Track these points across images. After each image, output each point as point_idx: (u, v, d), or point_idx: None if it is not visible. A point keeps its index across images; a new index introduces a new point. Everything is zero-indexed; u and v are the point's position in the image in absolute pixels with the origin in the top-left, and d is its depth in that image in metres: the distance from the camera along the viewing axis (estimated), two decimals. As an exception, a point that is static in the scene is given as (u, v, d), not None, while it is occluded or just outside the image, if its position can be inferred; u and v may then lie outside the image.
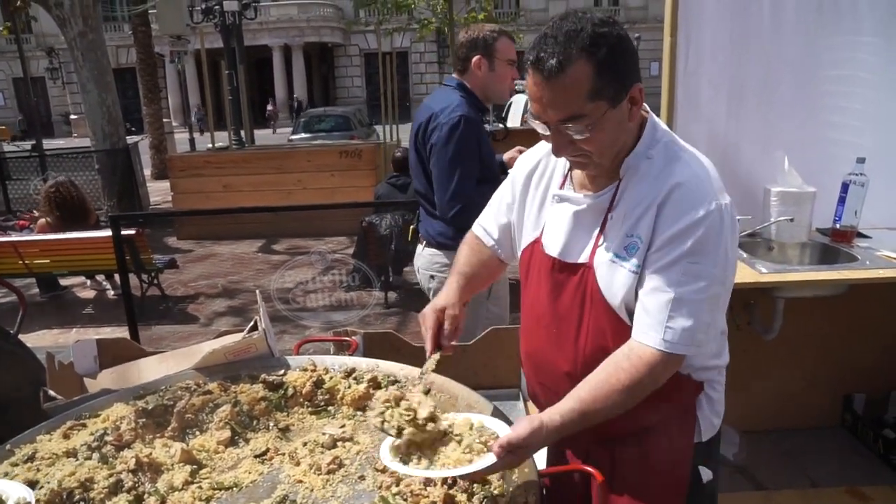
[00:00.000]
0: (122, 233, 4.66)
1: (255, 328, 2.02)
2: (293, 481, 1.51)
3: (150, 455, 1.56)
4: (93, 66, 10.73)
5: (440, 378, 1.72)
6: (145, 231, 6.79)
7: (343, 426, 1.71)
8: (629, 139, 1.48)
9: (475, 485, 1.42)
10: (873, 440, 3.27)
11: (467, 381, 1.75)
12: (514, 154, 3.08)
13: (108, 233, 5.56)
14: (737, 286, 1.51)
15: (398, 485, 1.44)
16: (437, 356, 1.62)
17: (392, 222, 6.52)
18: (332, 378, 1.89)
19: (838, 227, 2.98)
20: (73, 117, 37.60)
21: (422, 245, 3.11)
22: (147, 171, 14.15)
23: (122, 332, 4.76)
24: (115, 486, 1.47)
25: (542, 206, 1.66)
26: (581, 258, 1.53)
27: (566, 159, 1.54)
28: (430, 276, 3.03)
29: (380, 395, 1.47)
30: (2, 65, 40.47)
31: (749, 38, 3.08)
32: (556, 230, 1.59)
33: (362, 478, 1.51)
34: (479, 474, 1.36)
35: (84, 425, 1.73)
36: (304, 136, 17.46)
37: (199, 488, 1.49)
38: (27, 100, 21.60)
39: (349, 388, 1.84)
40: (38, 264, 6.62)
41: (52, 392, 1.94)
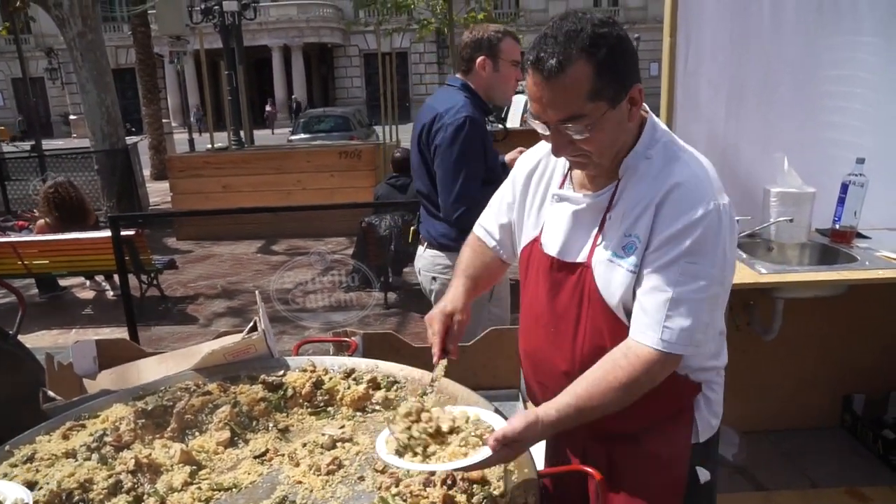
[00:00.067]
0: (122, 233, 4.65)
1: (254, 329, 2.02)
2: (293, 482, 1.51)
3: (149, 456, 1.55)
4: (92, 67, 10.73)
5: (441, 379, 1.71)
6: (144, 232, 6.79)
7: (342, 427, 1.71)
8: (629, 139, 1.48)
9: (475, 485, 1.42)
10: (873, 441, 3.28)
11: (467, 382, 1.75)
12: (515, 155, 3.06)
13: (107, 233, 5.57)
14: (736, 287, 1.52)
15: (397, 485, 1.44)
16: (445, 362, 1.62)
17: (391, 223, 6.52)
18: (331, 379, 1.89)
19: (838, 227, 2.98)
20: (72, 118, 37.56)
21: (423, 246, 3.07)
22: (146, 172, 14.15)
23: (122, 333, 4.75)
24: (115, 486, 1.47)
25: (541, 205, 1.66)
26: (579, 258, 1.53)
27: (566, 159, 1.54)
28: (432, 277, 3.00)
29: (401, 410, 1.46)
30: (1, 65, 40.47)
31: (749, 39, 3.08)
32: (555, 229, 1.59)
33: (362, 478, 1.51)
34: (475, 468, 1.36)
35: (83, 426, 1.73)
36: (303, 136, 17.46)
37: (199, 489, 1.49)
38: (26, 100, 21.58)
39: (349, 388, 1.85)
40: (38, 265, 6.61)
41: (51, 393, 1.94)
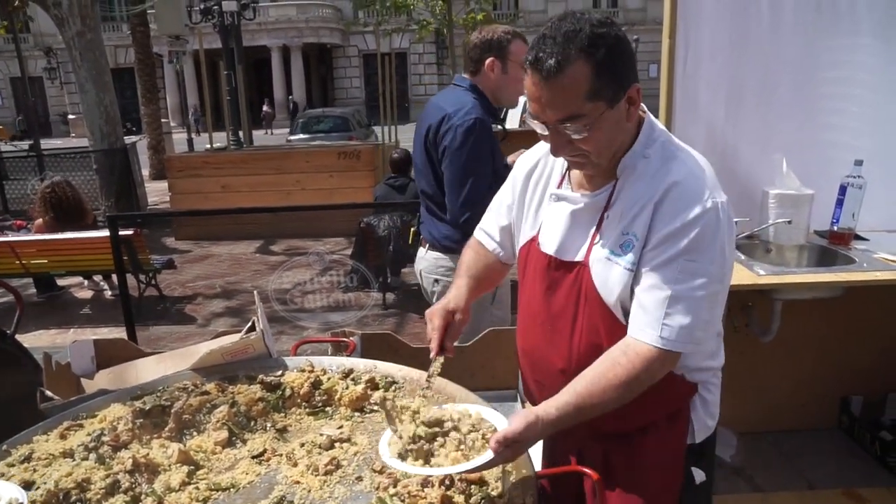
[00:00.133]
0: (120, 233, 4.65)
1: (252, 329, 2.02)
2: (290, 482, 1.51)
3: (147, 456, 1.55)
4: (91, 66, 10.72)
5: (439, 380, 1.71)
6: (143, 231, 6.79)
7: (341, 427, 1.70)
8: (627, 139, 1.49)
9: (473, 486, 1.42)
10: (870, 442, 3.28)
11: (465, 383, 1.75)
12: (517, 157, 3.06)
13: (105, 233, 5.55)
14: (734, 288, 1.52)
15: (395, 486, 1.44)
16: (442, 359, 1.62)
17: (390, 223, 6.52)
18: (329, 379, 1.89)
19: (836, 229, 2.98)
20: (70, 117, 37.50)
21: (424, 248, 3.03)
22: (145, 172, 14.15)
23: (120, 333, 4.74)
24: (112, 486, 1.46)
25: (539, 205, 1.67)
26: (577, 256, 1.54)
27: (564, 159, 1.55)
28: (435, 279, 2.96)
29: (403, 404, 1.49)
30: (-1, 65, 40.49)
31: (747, 40, 3.08)
32: (553, 228, 1.60)
33: (360, 479, 1.51)
34: (477, 470, 1.36)
35: (81, 426, 1.73)
36: (302, 136, 17.44)
37: (196, 489, 1.49)
38: (25, 99, 21.56)
39: (347, 388, 1.84)
40: (36, 264, 6.61)
41: (48, 392, 1.94)
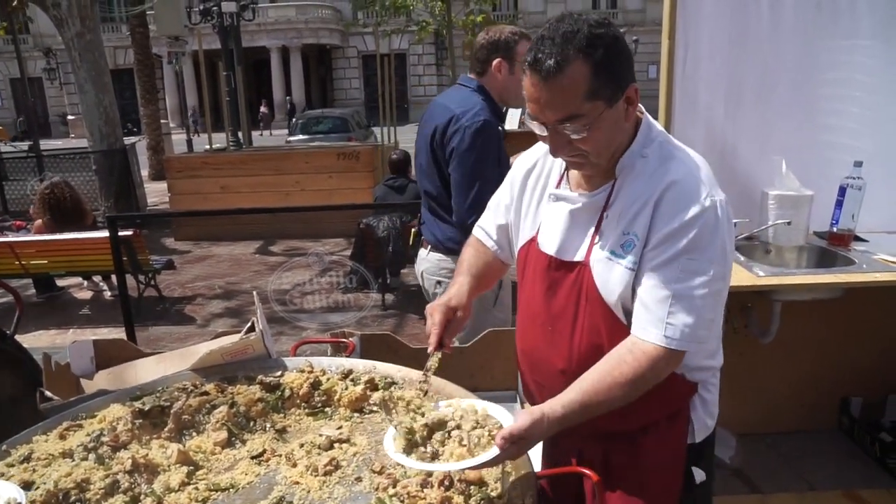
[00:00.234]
0: (120, 233, 4.65)
1: (252, 329, 2.02)
2: (290, 483, 1.51)
3: (146, 456, 1.55)
4: (90, 67, 10.72)
5: (438, 380, 1.71)
6: (142, 232, 6.79)
7: (340, 428, 1.70)
8: (625, 139, 1.49)
9: (472, 486, 1.42)
10: (870, 443, 3.28)
11: (464, 383, 1.75)
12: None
13: (105, 233, 5.55)
14: (734, 289, 1.52)
15: (395, 486, 1.44)
16: (440, 354, 1.62)
17: (390, 224, 6.52)
18: (329, 379, 1.89)
19: (835, 230, 2.98)
20: (70, 118, 37.47)
21: (426, 249, 3.01)
22: (144, 172, 14.14)
23: (119, 333, 4.74)
24: (112, 487, 1.46)
25: (538, 205, 1.67)
26: (577, 256, 1.54)
27: (563, 159, 1.55)
28: (437, 281, 2.94)
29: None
30: (-1, 65, 40.47)
31: (747, 41, 3.09)
32: (553, 229, 1.60)
33: (359, 479, 1.51)
34: (483, 467, 1.36)
35: (80, 426, 1.73)
36: (301, 137, 17.45)
37: (196, 489, 1.49)
38: (24, 100, 21.57)
39: (346, 389, 1.84)
40: (35, 265, 6.60)
41: (48, 393, 1.94)
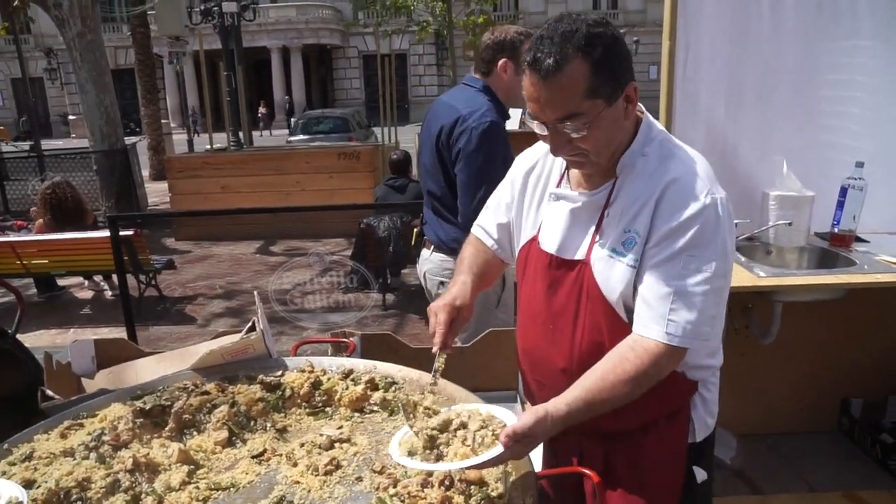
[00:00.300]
0: (120, 233, 4.65)
1: (252, 329, 2.02)
2: (290, 482, 1.51)
3: (147, 455, 1.55)
4: (91, 67, 10.72)
5: (440, 381, 1.71)
6: (143, 232, 6.79)
7: (340, 427, 1.70)
8: (625, 138, 1.50)
9: (472, 486, 1.42)
10: (871, 445, 3.28)
11: (465, 384, 1.75)
12: None
13: (106, 233, 5.55)
14: (735, 290, 1.52)
15: (395, 486, 1.44)
16: (446, 354, 1.62)
17: (390, 224, 6.52)
18: (329, 379, 1.89)
19: (837, 231, 2.98)
20: (71, 118, 37.52)
21: (429, 249, 3.01)
22: (145, 172, 14.15)
23: (120, 333, 4.75)
24: (113, 485, 1.46)
25: (539, 205, 1.67)
26: (578, 255, 1.54)
27: (563, 159, 1.55)
28: (440, 282, 2.92)
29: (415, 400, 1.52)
30: (0, 65, 40.42)
31: (748, 42, 3.09)
32: (553, 227, 1.60)
33: (359, 479, 1.51)
34: (487, 465, 1.36)
35: (81, 425, 1.73)
36: (302, 137, 17.46)
37: (197, 488, 1.49)
38: (25, 100, 21.56)
39: (347, 389, 1.84)
40: (36, 264, 6.61)
41: (49, 392, 1.94)
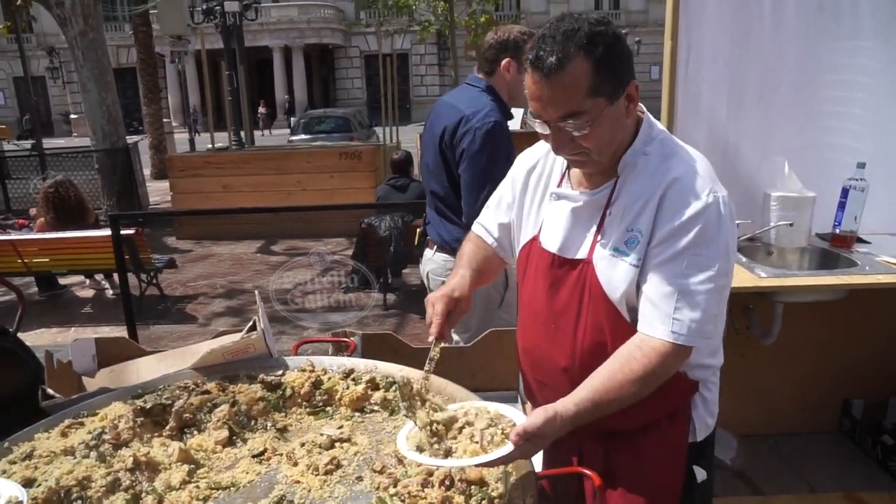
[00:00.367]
0: (122, 232, 4.65)
1: (253, 328, 2.02)
2: (291, 481, 1.51)
3: (147, 454, 1.55)
4: (93, 66, 10.74)
5: (438, 380, 1.71)
6: (144, 231, 6.79)
7: (341, 427, 1.70)
8: (626, 137, 1.50)
9: (473, 486, 1.42)
10: (871, 446, 3.27)
11: (465, 384, 1.75)
12: None
13: (107, 232, 5.56)
14: (736, 290, 1.52)
15: (395, 486, 1.44)
16: (442, 344, 1.62)
17: (391, 224, 6.52)
18: (330, 379, 1.89)
19: (838, 232, 2.98)
20: (73, 116, 37.58)
21: (431, 250, 3.01)
22: (147, 171, 14.16)
23: (121, 332, 4.75)
24: (113, 484, 1.46)
25: (540, 204, 1.67)
26: (580, 254, 1.55)
27: (565, 158, 1.55)
28: (443, 282, 2.92)
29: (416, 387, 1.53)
30: (2, 64, 40.44)
31: (749, 42, 3.08)
32: (555, 227, 1.60)
33: (360, 478, 1.51)
34: (497, 463, 1.36)
35: (82, 424, 1.73)
36: (304, 137, 17.47)
37: (197, 488, 1.49)
38: (27, 99, 21.58)
39: (347, 388, 1.84)
40: (37, 263, 6.62)
41: (50, 390, 1.94)
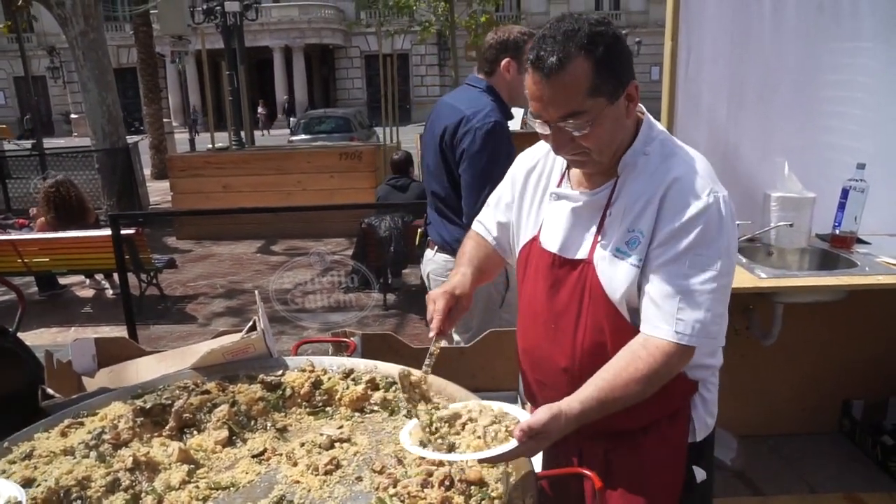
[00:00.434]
0: (122, 232, 4.65)
1: (253, 328, 2.02)
2: (290, 482, 1.51)
3: (147, 454, 1.55)
4: (94, 66, 10.74)
5: (438, 380, 1.71)
6: (144, 231, 6.79)
7: (341, 427, 1.70)
8: (626, 137, 1.51)
9: (472, 487, 1.42)
10: (871, 446, 3.27)
11: (465, 384, 1.75)
12: None
13: (107, 232, 5.56)
14: (736, 291, 1.52)
15: (395, 486, 1.44)
16: (444, 342, 1.62)
17: (391, 224, 6.52)
18: (330, 379, 1.89)
19: (838, 232, 2.97)
20: (73, 116, 37.58)
21: (432, 250, 3.01)
22: (147, 171, 14.16)
23: (121, 332, 4.75)
24: (113, 484, 1.46)
25: (540, 204, 1.68)
26: (580, 254, 1.55)
27: (565, 158, 1.55)
28: (443, 282, 2.93)
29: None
30: (3, 63, 40.41)
31: (749, 43, 3.08)
32: (555, 227, 1.60)
33: (359, 479, 1.51)
34: (500, 459, 1.36)
35: (82, 424, 1.73)
36: (304, 137, 17.48)
37: (196, 488, 1.49)
38: (28, 98, 21.58)
39: (347, 389, 1.84)
40: (38, 263, 6.62)
41: (50, 390, 1.94)
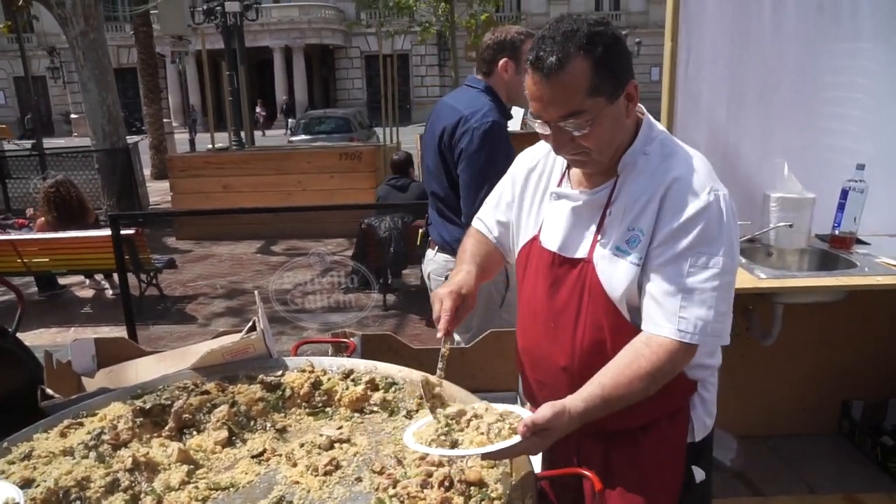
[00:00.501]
0: (122, 232, 4.65)
1: (253, 329, 2.02)
2: (290, 482, 1.51)
3: (146, 454, 1.55)
4: (94, 66, 10.74)
5: (444, 383, 1.71)
6: (144, 231, 6.79)
7: (340, 427, 1.70)
8: (626, 136, 1.51)
9: (472, 487, 1.42)
10: (871, 447, 3.27)
11: (465, 384, 1.74)
12: None
13: (107, 232, 5.56)
14: (736, 291, 1.52)
15: (395, 487, 1.44)
16: (452, 341, 1.62)
17: (391, 224, 6.52)
18: (329, 379, 1.89)
19: (837, 233, 2.98)
20: (73, 116, 37.57)
21: (433, 250, 3.02)
22: (147, 171, 14.16)
23: (121, 332, 4.75)
24: (112, 485, 1.46)
25: (540, 204, 1.68)
26: (580, 253, 1.55)
27: (565, 158, 1.56)
28: (445, 281, 2.93)
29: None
30: (3, 63, 40.40)
31: (749, 44, 3.08)
32: (555, 226, 1.61)
33: (359, 479, 1.51)
34: (503, 455, 1.35)
35: (81, 424, 1.73)
36: (304, 137, 17.49)
37: (196, 488, 1.49)
38: (28, 98, 21.59)
39: (347, 389, 1.84)
40: (37, 263, 6.62)
41: (49, 390, 1.94)
